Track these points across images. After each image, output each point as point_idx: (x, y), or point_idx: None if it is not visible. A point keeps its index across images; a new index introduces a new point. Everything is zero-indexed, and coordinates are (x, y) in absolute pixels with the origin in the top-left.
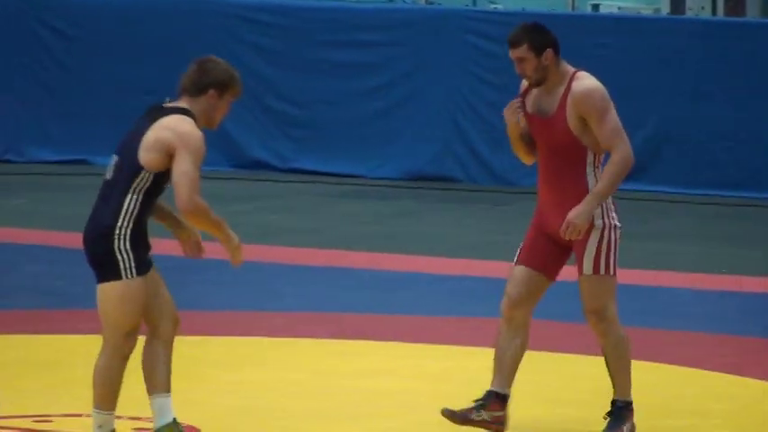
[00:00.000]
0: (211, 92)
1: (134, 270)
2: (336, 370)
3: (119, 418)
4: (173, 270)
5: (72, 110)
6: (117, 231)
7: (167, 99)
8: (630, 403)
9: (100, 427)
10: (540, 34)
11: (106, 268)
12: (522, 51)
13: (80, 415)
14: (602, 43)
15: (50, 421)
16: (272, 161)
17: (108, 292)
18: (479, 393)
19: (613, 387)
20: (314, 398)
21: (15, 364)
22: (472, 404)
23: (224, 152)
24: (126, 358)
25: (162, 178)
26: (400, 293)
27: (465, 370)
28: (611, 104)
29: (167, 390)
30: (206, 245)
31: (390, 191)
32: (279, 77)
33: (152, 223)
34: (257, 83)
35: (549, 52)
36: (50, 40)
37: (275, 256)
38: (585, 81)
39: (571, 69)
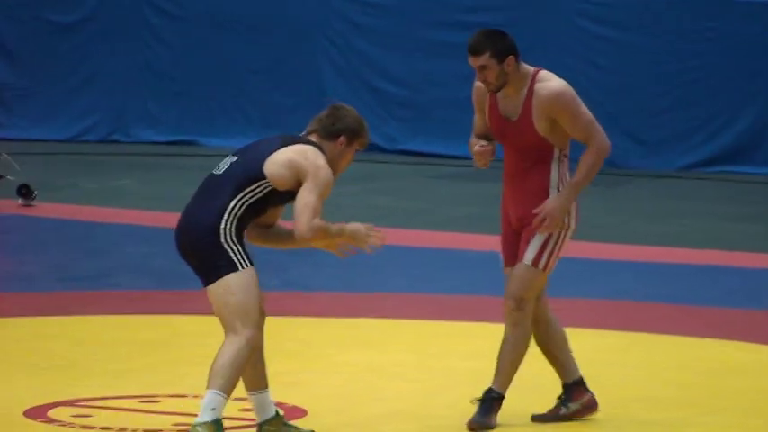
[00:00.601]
0: (342, 138)
1: (247, 258)
2: (442, 351)
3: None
4: (279, 253)
5: (177, 90)
6: (222, 227)
7: (300, 133)
8: (502, 398)
9: (213, 409)
10: (501, 41)
11: (219, 264)
12: (484, 59)
13: (186, 396)
14: (709, 27)
15: (157, 401)
16: (380, 142)
17: (230, 285)
18: (588, 372)
19: (495, 376)
20: (420, 379)
21: (120, 345)
22: (557, 402)
23: None
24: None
25: (275, 197)
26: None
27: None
28: (579, 99)
29: (266, 386)
30: None
31: (496, 172)
32: (386, 58)
33: None
34: (364, 64)
35: (510, 59)
36: (156, 21)
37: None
38: (551, 83)
39: (531, 70)
